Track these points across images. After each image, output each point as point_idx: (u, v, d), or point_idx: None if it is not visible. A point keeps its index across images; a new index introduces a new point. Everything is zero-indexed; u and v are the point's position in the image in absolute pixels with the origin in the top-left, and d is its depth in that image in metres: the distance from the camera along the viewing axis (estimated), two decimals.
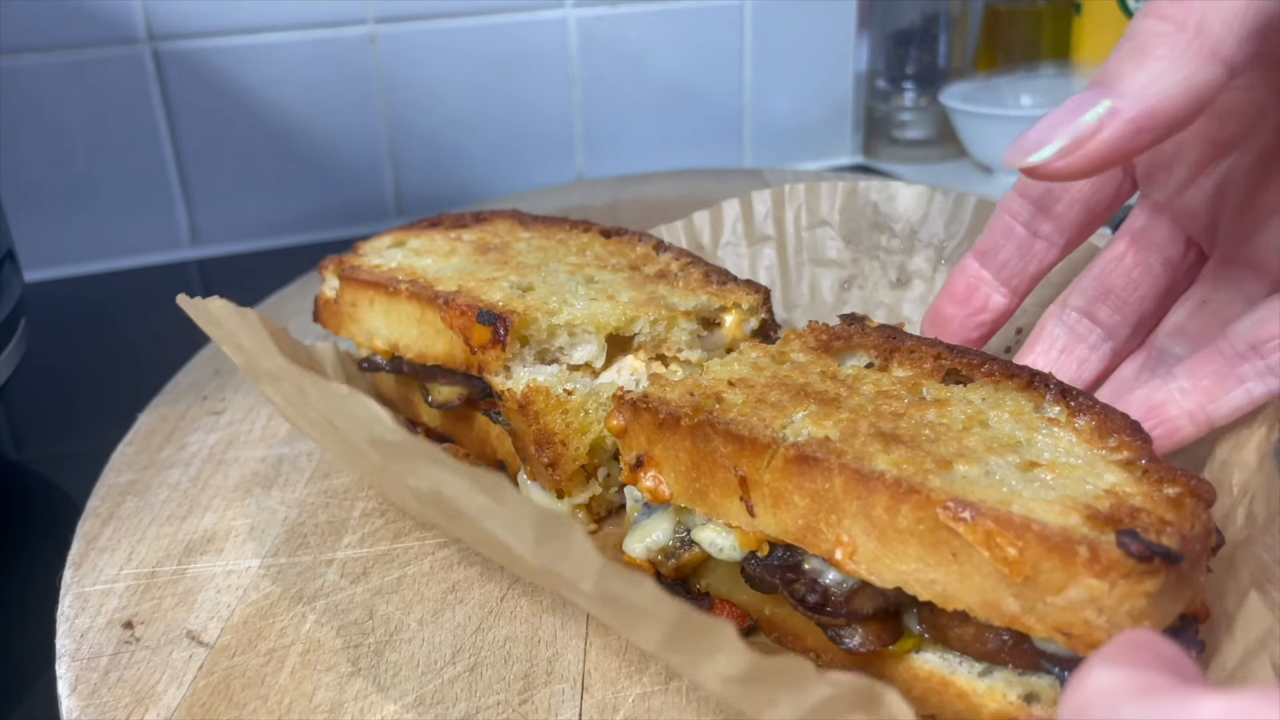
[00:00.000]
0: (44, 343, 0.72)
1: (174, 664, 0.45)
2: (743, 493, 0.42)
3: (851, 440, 0.40)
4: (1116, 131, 0.37)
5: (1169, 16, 0.36)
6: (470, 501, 0.35)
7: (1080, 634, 0.34)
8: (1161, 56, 0.36)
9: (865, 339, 0.50)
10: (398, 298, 0.58)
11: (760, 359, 0.49)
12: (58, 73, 0.92)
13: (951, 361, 0.47)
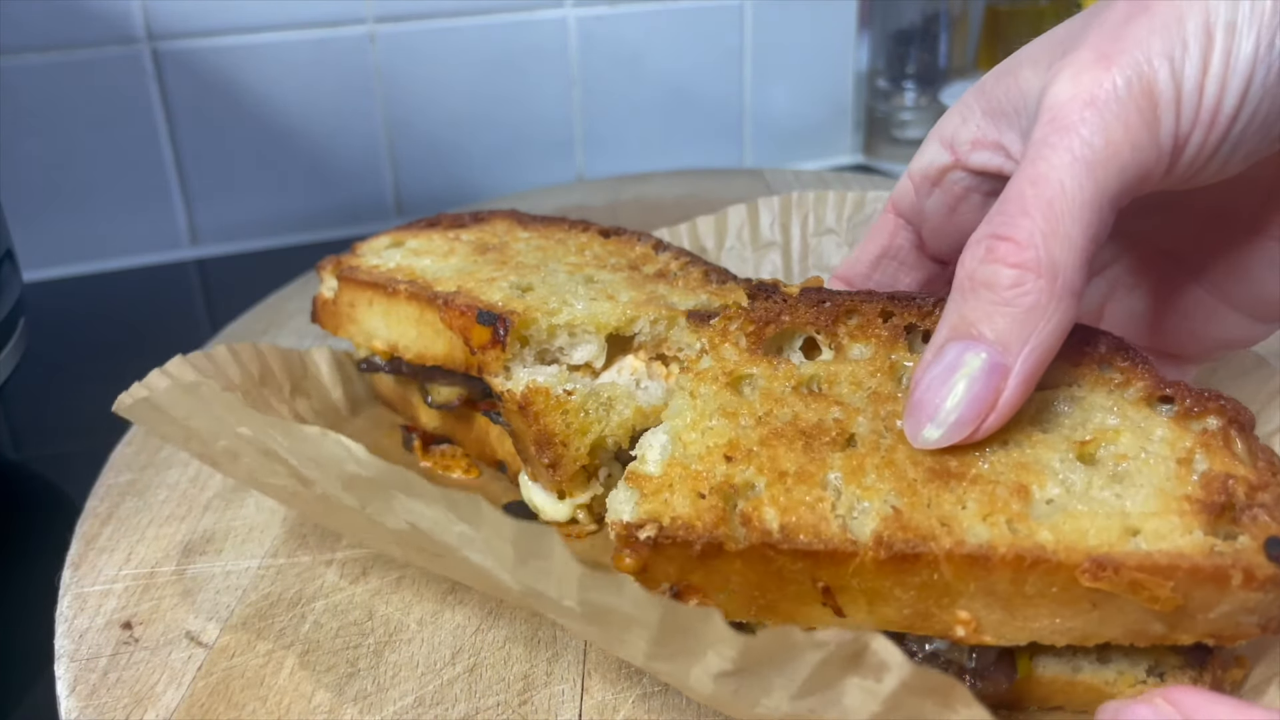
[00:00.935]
0: (43, 342, 0.72)
1: (173, 664, 0.45)
2: (826, 599, 0.38)
3: (915, 500, 0.37)
4: (1016, 393, 0.37)
5: (1023, 265, 0.36)
6: (447, 532, 0.35)
7: (1230, 634, 0.35)
8: (1033, 310, 0.36)
9: (796, 315, 0.46)
10: (396, 298, 0.58)
11: (716, 395, 0.43)
12: (57, 72, 0.92)
13: (901, 315, 0.45)
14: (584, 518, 0.54)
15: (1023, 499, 0.36)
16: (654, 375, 0.56)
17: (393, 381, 0.63)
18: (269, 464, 0.42)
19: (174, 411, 0.43)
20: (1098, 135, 0.35)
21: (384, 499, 0.37)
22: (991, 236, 0.36)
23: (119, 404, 0.45)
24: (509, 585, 0.35)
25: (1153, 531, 0.35)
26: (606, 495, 0.54)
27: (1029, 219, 0.36)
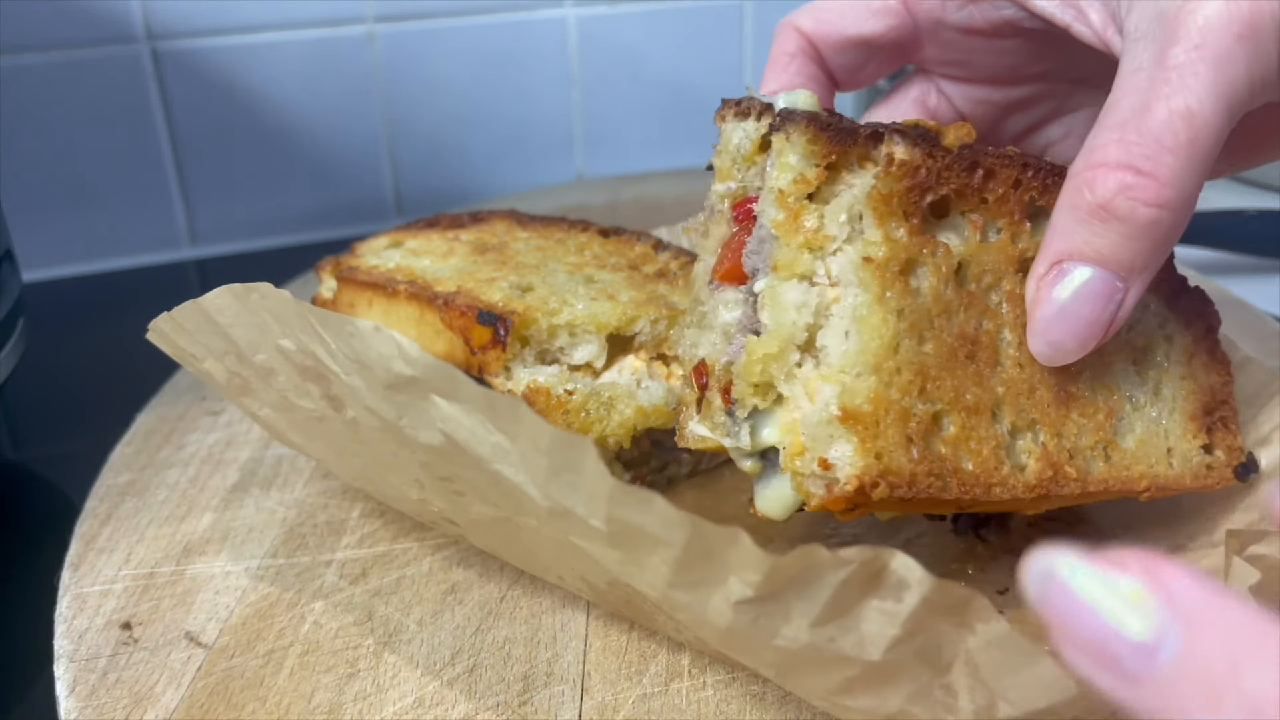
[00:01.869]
0: (42, 343, 0.72)
1: (172, 665, 0.45)
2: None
3: (1050, 431, 0.42)
4: (1126, 311, 0.39)
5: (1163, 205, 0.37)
6: (483, 443, 0.36)
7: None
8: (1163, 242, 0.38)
9: (953, 180, 0.41)
10: (396, 299, 0.58)
11: (893, 293, 0.39)
12: (56, 72, 0.91)
13: (1027, 186, 0.43)
14: None
15: (1111, 422, 0.43)
16: (655, 375, 0.56)
17: None
18: (303, 383, 0.42)
19: (220, 318, 0.43)
20: (1246, 71, 0.35)
21: (421, 409, 0.37)
22: (1132, 170, 0.36)
23: (155, 326, 0.46)
24: (538, 502, 0.35)
25: (1181, 454, 0.45)
26: None
27: (1173, 157, 0.35)
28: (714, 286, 0.44)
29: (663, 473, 0.58)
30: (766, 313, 0.40)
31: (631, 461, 0.55)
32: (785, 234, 0.40)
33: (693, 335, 0.45)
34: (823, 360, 0.39)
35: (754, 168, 0.44)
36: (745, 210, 0.44)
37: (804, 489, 0.39)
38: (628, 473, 0.55)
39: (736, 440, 0.41)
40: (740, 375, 0.40)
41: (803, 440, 0.39)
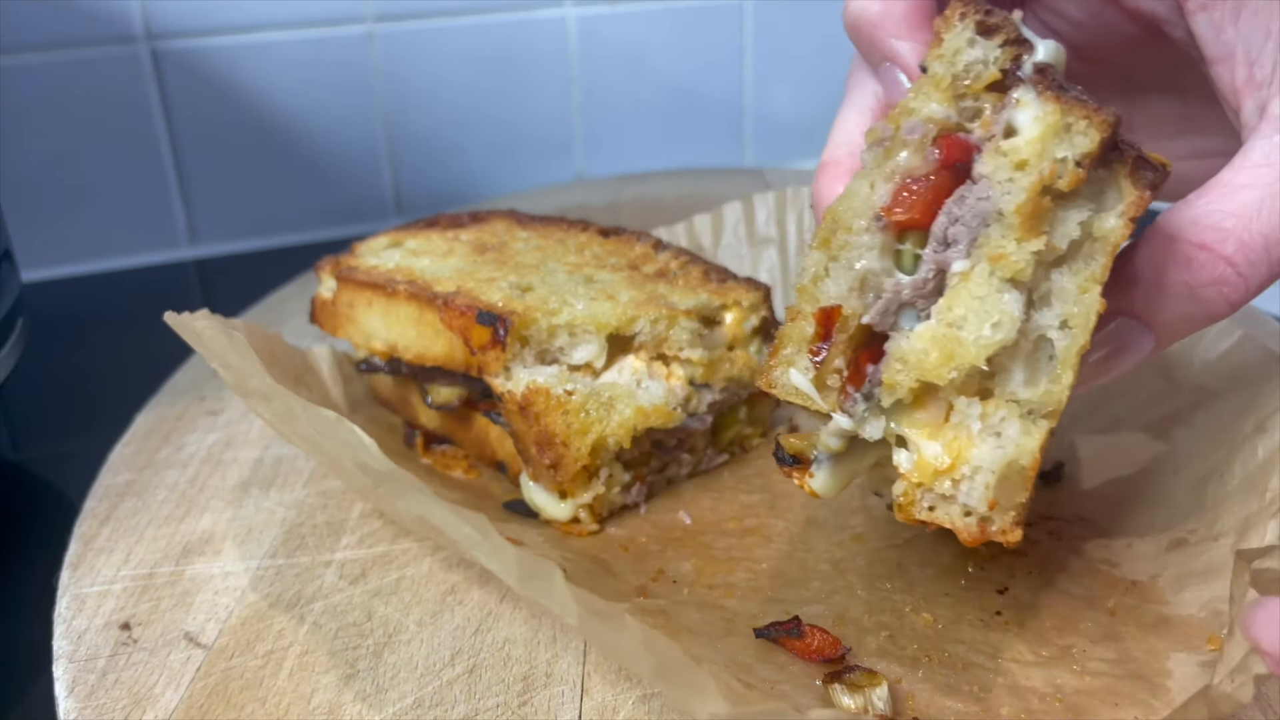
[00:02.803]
0: (41, 343, 0.72)
1: (171, 665, 0.45)
2: None
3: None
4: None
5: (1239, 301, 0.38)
6: (456, 531, 0.36)
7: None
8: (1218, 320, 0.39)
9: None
10: (396, 299, 0.57)
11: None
12: (55, 72, 0.91)
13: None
14: (585, 517, 0.54)
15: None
16: (655, 375, 0.56)
17: (392, 382, 0.63)
18: (292, 417, 0.43)
19: (213, 344, 0.45)
20: None
21: (396, 487, 0.38)
22: (1235, 269, 0.37)
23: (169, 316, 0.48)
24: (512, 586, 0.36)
25: None
26: (608, 495, 0.54)
27: (1269, 272, 0.37)
28: (878, 224, 0.38)
29: (663, 473, 0.57)
30: (961, 307, 0.36)
31: (631, 462, 0.55)
32: (1023, 226, 0.36)
33: (819, 264, 0.39)
34: (1006, 384, 0.37)
35: (976, 102, 0.38)
36: (955, 151, 0.38)
37: (918, 508, 0.38)
38: (628, 473, 0.55)
39: (856, 422, 0.39)
40: (905, 363, 0.37)
41: (960, 473, 0.37)
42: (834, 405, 0.39)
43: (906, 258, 0.38)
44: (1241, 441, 0.51)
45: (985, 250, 0.36)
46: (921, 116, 0.38)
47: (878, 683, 0.42)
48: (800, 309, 0.40)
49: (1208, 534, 0.49)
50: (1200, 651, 0.44)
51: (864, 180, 0.39)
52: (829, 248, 0.39)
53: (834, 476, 0.41)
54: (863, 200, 0.39)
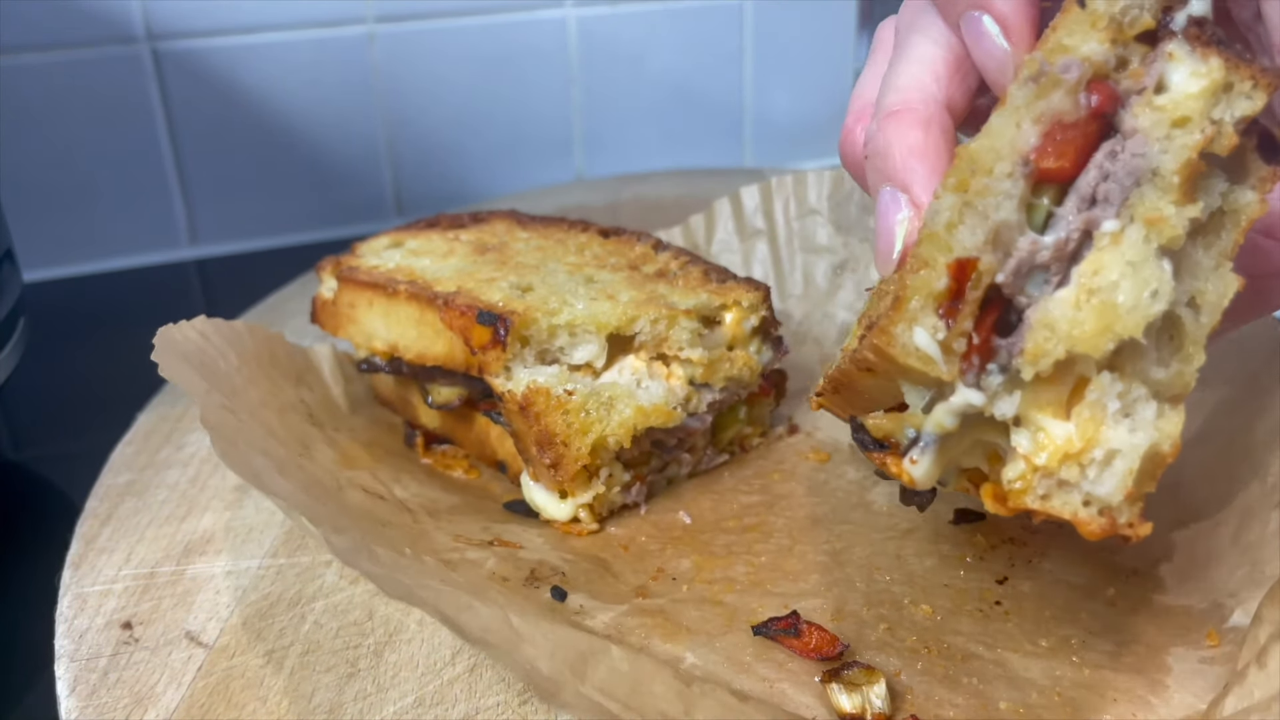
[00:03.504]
0: (43, 343, 0.72)
1: (173, 665, 0.45)
2: None
3: None
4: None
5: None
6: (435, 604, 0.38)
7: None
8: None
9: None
10: (396, 299, 0.58)
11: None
12: (56, 72, 0.91)
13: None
14: (585, 516, 0.54)
15: None
16: (655, 375, 0.56)
17: (393, 382, 0.63)
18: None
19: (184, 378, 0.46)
20: None
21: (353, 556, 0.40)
22: None
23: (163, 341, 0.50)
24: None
25: None
26: (608, 495, 0.54)
27: None
28: (1024, 169, 0.35)
29: (663, 473, 0.58)
30: (1114, 271, 0.33)
31: (631, 461, 0.55)
32: (1181, 189, 0.34)
33: (954, 209, 0.35)
34: (1139, 364, 0.34)
35: (1125, 50, 0.35)
36: (1108, 99, 0.35)
37: (1031, 496, 0.35)
38: (628, 472, 0.55)
39: (990, 397, 0.35)
40: (1054, 331, 0.33)
41: (1088, 458, 0.34)
42: (955, 374, 0.35)
43: (1039, 214, 0.35)
44: (1241, 422, 0.51)
45: (1141, 211, 0.34)
46: (1080, 55, 0.34)
47: (876, 680, 0.42)
48: (931, 257, 0.35)
49: (1208, 518, 0.49)
50: (1200, 646, 0.44)
51: (1009, 119, 0.35)
52: (965, 191, 0.34)
53: (936, 462, 0.37)
54: (1008, 141, 0.34)
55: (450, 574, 0.46)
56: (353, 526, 0.46)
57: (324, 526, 0.42)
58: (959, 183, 0.35)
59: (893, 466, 0.38)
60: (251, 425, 0.50)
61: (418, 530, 0.51)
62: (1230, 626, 0.44)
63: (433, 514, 0.53)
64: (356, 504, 0.51)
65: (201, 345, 0.54)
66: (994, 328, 0.34)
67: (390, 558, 0.43)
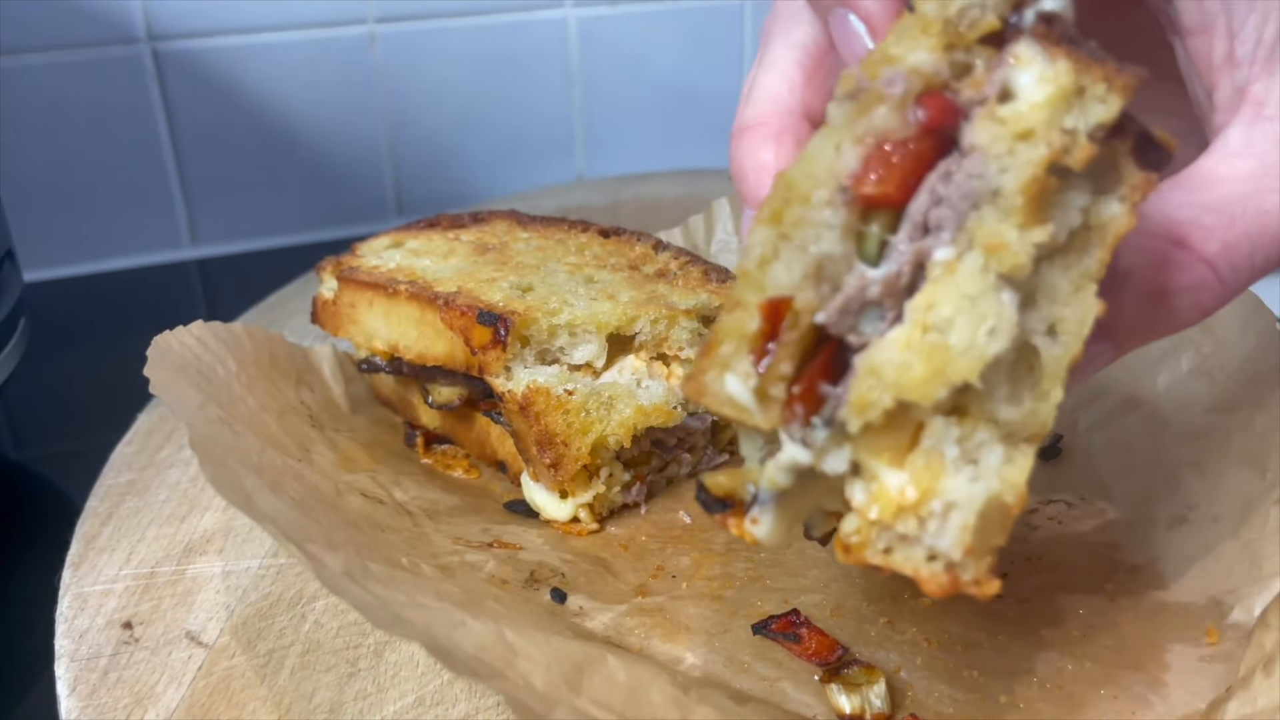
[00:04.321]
0: (43, 342, 0.72)
1: (173, 664, 0.45)
2: None
3: None
4: None
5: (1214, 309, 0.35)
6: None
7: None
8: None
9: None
10: (397, 299, 0.58)
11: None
12: (57, 72, 0.92)
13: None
14: (585, 516, 0.54)
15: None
16: (655, 375, 0.56)
17: (393, 382, 0.63)
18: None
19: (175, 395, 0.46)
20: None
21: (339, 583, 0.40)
22: (1216, 274, 0.33)
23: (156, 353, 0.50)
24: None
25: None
26: (609, 494, 0.54)
27: (1249, 277, 0.34)
28: (844, 197, 0.31)
29: (663, 473, 0.58)
30: (948, 306, 0.30)
31: (631, 461, 0.55)
32: (1025, 210, 0.30)
33: (767, 243, 0.31)
34: (985, 404, 0.30)
35: (967, 55, 0.32)
36: (942, 113, 0.31)
37: (871, 550, 0.31)
38: (628, 472, 0.55)
39: (816, 453, 0.31)
40: (880, 377, 0.30)
41: (929, 508, 0.30)
42: (774, 422, 0.31)
43: (870, 244, 0.31)
44: (1238, 411, 0.51)
45: (979, 238, 0.30)
46: (905, 66, 0.31)
47: (875, 679, 0.42)
48: (742, 298, 0.31)
49: (1208, 512, 0.49)
50: (1199, 644, 0.44)
51: (828, 141, 0.31)
52: (780, 224, 0.31)
53: (781, 520, 0.34)
54: (825, 166, 0.31)
55: (447, 583, 0.46)
56: (349, 539, 0.46)
57: (316, 545, 0.42)
58: (773, 214, 0.31)
59: (734, 528, 0.34)
60: (247, 436, 0.50)
61: (417, 534, 0.51)
62: (1230, 623, 0.44)
63: (432, 516, 0.53)
64: (355, 510, 0.51)
65: (198, 352, 0.54)
66: (823, 373, 0.31)
67: (385, 572, 0.43)
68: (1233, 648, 0.43)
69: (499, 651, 0.38)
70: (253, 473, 0.46)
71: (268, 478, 0.47)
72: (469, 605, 0.43)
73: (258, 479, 0.46)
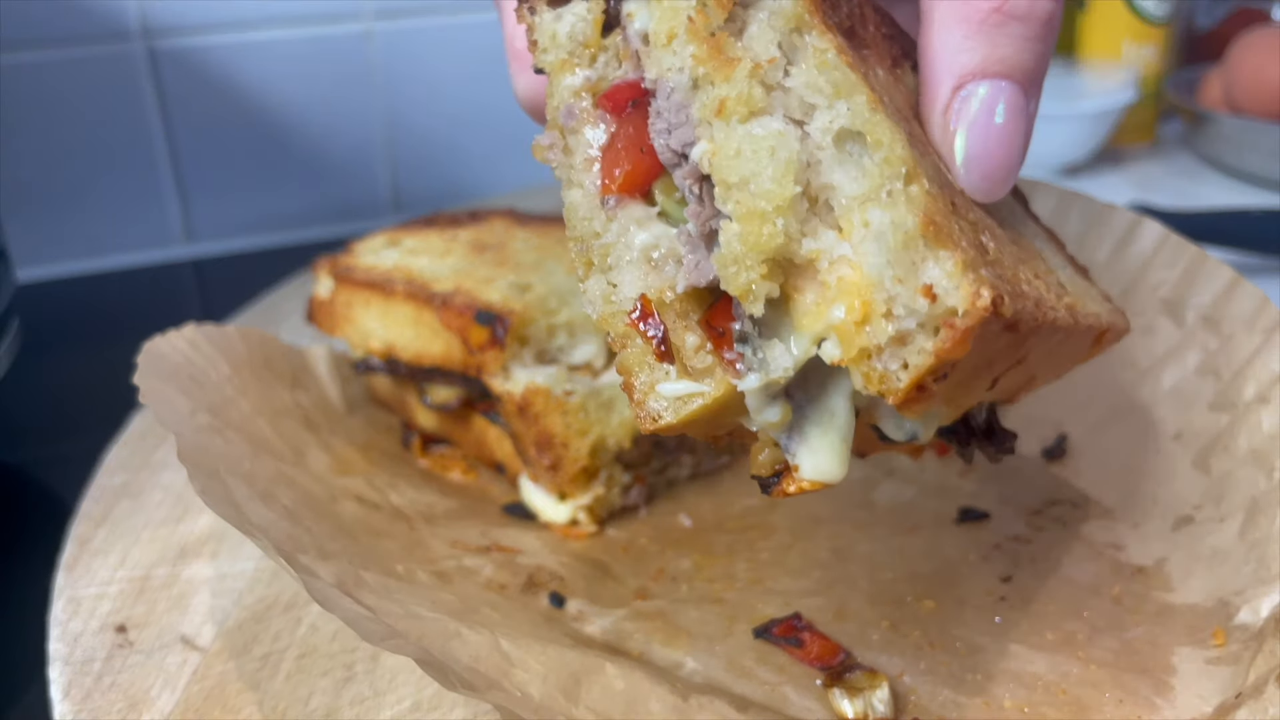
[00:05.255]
0: (36, 343, 0.72)
1: (168, 668, 0.45)
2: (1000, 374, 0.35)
3: (1003, 269, 0.33)
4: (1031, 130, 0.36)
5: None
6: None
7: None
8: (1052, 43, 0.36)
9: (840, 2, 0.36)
10: (394, 298, 0.57)
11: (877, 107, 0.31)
12: (51, 69, 0.91)
13: (884, 28, 0.38)
14: (585, 519, 0.53)
15: (1047, 265, 0.39)
16: None
17: (390, 383, 0.62)
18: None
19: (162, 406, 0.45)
20: None
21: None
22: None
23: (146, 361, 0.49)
24: None
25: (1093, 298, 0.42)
26: (608, 496, 0.54)
27: None
28: (612, 205, 0.35)
29: (663, 474, 0.57)
30: (732, 170, 0.32)
31: (632, 463, 0.55)
32: (717, 69, 0.32)
33: (599, 284, 0.35)
34: (841, 194, 0.31)
35: (605, 53, 0.36)
36: (621, 97, 0.35)
37: (882, 375, 0.30)
38: (628, 474, 0.55)
39: (764, 370, 0.32)
40: (741, 261, 0.31)
41: (874, 295, 0.30)
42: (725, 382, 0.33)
43: (669, 207, 0.34)
44: (1244, 410, 0.51)
45: (709, 114, 0.32)
46: (566, 100, 0.36)
47: (878, 684, 0.42)
48: (617, 333, 0.35)
49: (1214, 513, 0.49)
50: (1206, 646, 0.44)
51: (569, 185, 0.36)
52: (595, 268, 0.35)
53: (819, 451, 0.33)
54: (586, 201, 0.35)
55: (443, 591, 0.45)
56: (343, 547, 0.46)
57: (308, 555, 0.41)
58: (586, 264, 0.35)
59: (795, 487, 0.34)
60: (238, 443, 0.50)
61: (413, 539, 0.51)
62: (1236, 624, 0.44)
63: (429, 520, 0.53)
64: (350, 516, 0.51)
65: (190, 356, 0.53)
66: (721, 315, 0.33)
67: (380, 582, 0.43)
68: (1239, 650, 0.43)
69: (494, 662, 0.37)
70: (243, 482, 0.46)
71: (259, 486, 0.47)
72: (465, 615, 0.42)
73: (248, 488, 0.46)
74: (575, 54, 0.36)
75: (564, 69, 0.36)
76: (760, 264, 0.31)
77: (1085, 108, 0.99)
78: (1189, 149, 1.09)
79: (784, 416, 0.33)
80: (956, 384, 0.32)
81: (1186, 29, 1.20)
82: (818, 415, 0.33)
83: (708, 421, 0.34)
